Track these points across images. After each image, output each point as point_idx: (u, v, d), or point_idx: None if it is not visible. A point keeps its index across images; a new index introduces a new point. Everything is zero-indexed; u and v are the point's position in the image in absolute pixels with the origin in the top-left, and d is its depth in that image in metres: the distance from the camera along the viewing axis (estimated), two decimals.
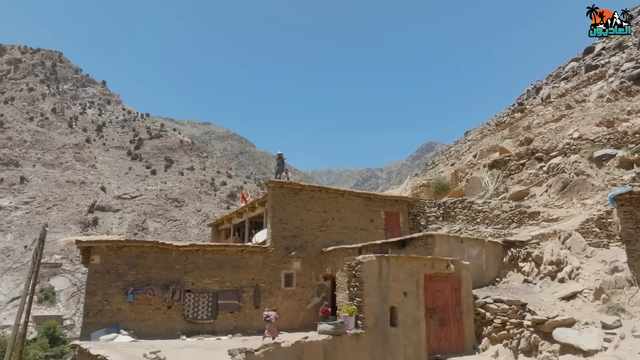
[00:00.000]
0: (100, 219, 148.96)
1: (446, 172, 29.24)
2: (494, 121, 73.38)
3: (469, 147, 32.47)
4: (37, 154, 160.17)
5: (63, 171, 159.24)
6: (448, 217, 20.55)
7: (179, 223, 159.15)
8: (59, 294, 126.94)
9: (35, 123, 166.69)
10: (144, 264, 15.48)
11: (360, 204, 20.05)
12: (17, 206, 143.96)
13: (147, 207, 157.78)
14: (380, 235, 20.13)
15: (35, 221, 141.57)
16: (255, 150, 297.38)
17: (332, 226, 19.10)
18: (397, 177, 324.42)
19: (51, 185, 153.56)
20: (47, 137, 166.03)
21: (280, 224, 18.01)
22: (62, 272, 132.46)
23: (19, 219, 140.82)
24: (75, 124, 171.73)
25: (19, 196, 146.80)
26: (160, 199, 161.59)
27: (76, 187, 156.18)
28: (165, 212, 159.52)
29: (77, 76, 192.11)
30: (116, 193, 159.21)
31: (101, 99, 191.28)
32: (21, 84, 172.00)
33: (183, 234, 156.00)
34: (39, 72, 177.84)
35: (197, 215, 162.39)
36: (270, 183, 18.19)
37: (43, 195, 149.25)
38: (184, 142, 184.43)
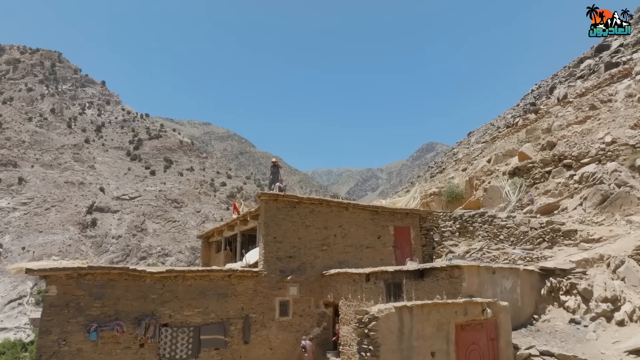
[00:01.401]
0: (99, 220, 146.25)
1: (458, 179, 26.63)
2: (498, 122, 70.93)
3: (481, 150, 29.88)
4: (36, 155, 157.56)
5: (62, 172, 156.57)
6: (466, 233, 17.94)
7: (179, 224, 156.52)
8: None
9: (34, 123, 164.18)
10: (111, 294, 12.87)
11: (366, 218, 17.43)
12: (15, 207, 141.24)
13: (146, 208, 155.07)
14: (388, 254, 17.53)
15: (33, 222, 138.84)
16: (255, 150, 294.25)
17: (334, 244, 16.49)
18: (397, 178, 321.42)
19: (50, 186, 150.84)
20: (46, 138, 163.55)
21: (274, 242, 15.41)
22: None
23: (17, 220, 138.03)
24: (74, 124, 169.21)
25: (17, 197, 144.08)
26: (159, 199, 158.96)
27: (75, 188, 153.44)
28: (164, 213, 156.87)
29: (76, 76, 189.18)
30: (115, 194, 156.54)
31: (100, 99, 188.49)
32: (20, 84, 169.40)
33: (182, 235, 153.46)
34: (38, 72, 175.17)
35: (197, 216, 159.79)
36: (263, 196, 15.58)
37: (41, 196, 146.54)
38: (184, 143, 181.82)
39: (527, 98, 71.76)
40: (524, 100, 72.18)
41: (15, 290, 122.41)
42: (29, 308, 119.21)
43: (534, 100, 57.03)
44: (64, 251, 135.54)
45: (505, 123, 60.15)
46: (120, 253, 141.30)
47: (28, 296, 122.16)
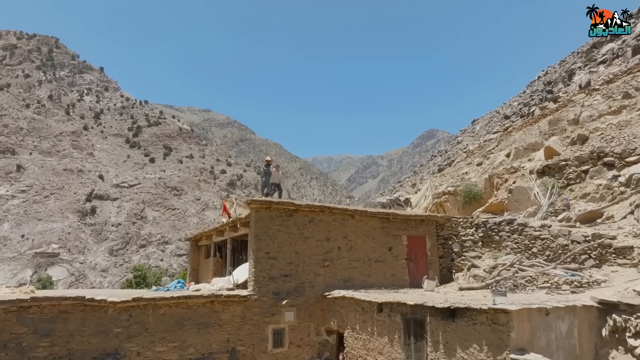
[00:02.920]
0: (99, 208, 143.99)
1: (474, 175, 23.89)
2: (504, 110, 67.84)
3: (497, 142, 27.08)
4: (34, 142, 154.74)
5: (60, 159, 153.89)
6: (490, 243, 15.26)
7: (178, 212, 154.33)
8: (56, 283, 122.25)
9: (32, 110, 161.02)
10: (63, 329, 10.25)
11: (376, 226, 14.74)
12: (14, 195, 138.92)
13: (146, 196, 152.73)
14: (401, 268, 14.88)
15: (32, 210, 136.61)
16: (255, 137, 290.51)
17: (338, 259, 13.83)
18: (397, 165, 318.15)
19: (48, 174, 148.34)
20: (44, 125, 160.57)
21: (266, 259, 12.74)
22: (59, 262, 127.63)
23: (15, 207, 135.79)
24: (73, 111, 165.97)
25: (15, 184, 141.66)
26: (159, 187, 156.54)
27: (74, 176, 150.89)
28: (164, 200, 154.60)
29: (74, 62, 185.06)
30: (114, 181, 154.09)
31: (99, 86, 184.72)
32: (17, 70, 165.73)
33: (182, 223, 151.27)
34: (35, 58, 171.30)
35: (197, 204, 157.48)
36: (254, 203, 12.86)
37: (40, 183, 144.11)
38: (183, 130, 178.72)
39: (535, 85, 68.49)
40: (531, 87, 68.94)
41: (15, 278, 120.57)
42: None
43: (543, 87, 53.95)
44: (64, 239, 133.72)
45: (514, 111, 57.13)
46: (120, 241, 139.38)
47: (28, 284, 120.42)
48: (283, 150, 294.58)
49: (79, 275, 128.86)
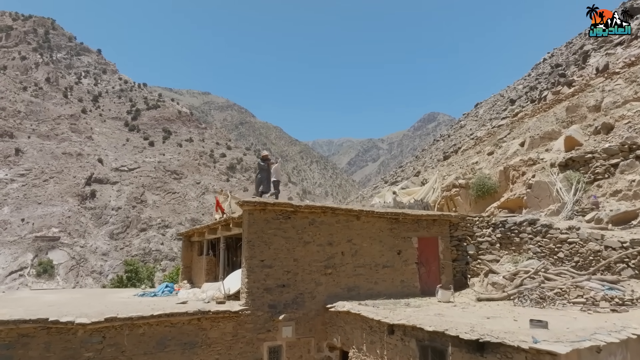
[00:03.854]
0: (98, 192, 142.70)
1: (485, 165, 22.24)
2: (508, 93, 65.72)
3: (509, 130, 25.35)
4: (32, 125, 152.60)
5: (59, 143, 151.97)
6: (509, 245, 13.71)
7: (178, 195, 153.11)
8: (57, 267, 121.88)
9: (29, 93, 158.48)
10: (23, 356, 8.73)
11: (384, 228, 13.15)
12: (13, 178, 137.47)
13: (146, 180, 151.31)
14: (411, 274, 13.34)
15: (32, 194, 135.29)
16: (255, 120, 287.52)
17: (341, 265, 12.28)
18: (398, 148, 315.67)
19: (47, 157, 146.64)
20: (42, 108, 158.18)
21: (261, 268, 11.19)
22: (60, 246, 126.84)
23: (15, 191, 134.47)
24: (71, 94, 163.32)
25: (14, 168, 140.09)
26: (158, 171, 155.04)
27: (73, 159, 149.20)
28: (164, 184, 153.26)
29: (71, 44, 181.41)
30: (114, 165, 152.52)
31: (97, 68, 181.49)
32: (13, 52, 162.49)
33: (182, 207, 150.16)
34: (31, 40, 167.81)
35: (197, 187, 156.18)
36: (247, 204, 11.25)
37: (39, 167, 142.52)
38: (182, 113, 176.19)
39: (541, 67, 66.25)
40: (537, 70, 66.69)
41: (15, 262, 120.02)
42: (30, 279, 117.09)
43: (551, 70, 51.87)
44: (64, 223, 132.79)
45: (519, 95, 55.13)
46: (120, 225, 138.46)
47: (29, 267, 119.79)
48: (283, 133, 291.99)
49: (80, 259, 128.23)
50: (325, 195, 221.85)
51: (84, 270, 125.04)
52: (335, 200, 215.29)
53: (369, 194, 76.38)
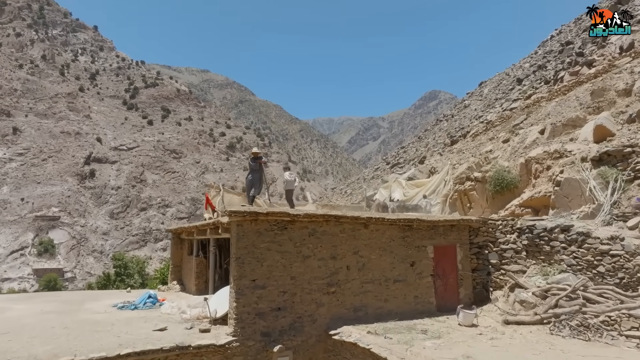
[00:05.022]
0: (97, 171, 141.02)
1: (500, 155, 20.27)
2: (514, 72, 63.06)
3: (525, 115, 23.27)
4: (29, 104, 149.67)
5: (57, 121, 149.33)
6: (538, 254, 11.87)
7: (178, 175, 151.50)
8: (58, 246, 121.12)
9: (25, 71, 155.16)
10: None
11: (395, 237, 11.29)
12: (12, 158, 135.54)
13: (145, 159, 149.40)
14: (426, 288, 11.55)
15: (31, 173, 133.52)
16: (255, 99, 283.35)
17: (346, 282, 10.47)
18: (399, 127, 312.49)
19: (45, 136, 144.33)
20: (39, 86, 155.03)
21: (252, 289, 9.38)
22: (60, 225, 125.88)
23: (14, 170, 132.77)
24: (67, 71, 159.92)
25: (12, 147, 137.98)
26: (157, 150, 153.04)
27: (71, 138, 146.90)
28: (163, 163, 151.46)
29: (66, 20, 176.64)
30: (112, 144, 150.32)
31: (93, 45, 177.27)
32: (8, 28, 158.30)
33: (182, 186, 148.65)
34: (25, 16, 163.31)
35: (196, 167, 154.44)
36: (235, 215, 9.35)
37: (37, 146, 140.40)
38: (181, 91, 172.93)
39: (548, 45, 63.41)
40: (544, 48, 63.86)
41: (16, 241, 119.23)
42: (32, 259, 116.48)
43: (561, 48, 49.27)
44: (64, 202, 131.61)
45: (527, 74, 52.68)
46: (120, 204, 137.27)
47: (29, 247, 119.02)
48: (283, 111, 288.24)
49: (81, 238, 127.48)
50: (326, 174, 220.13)
51: (84, 249, 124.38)
52: (336, 179, 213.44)
53: (370, 175, 74.54)
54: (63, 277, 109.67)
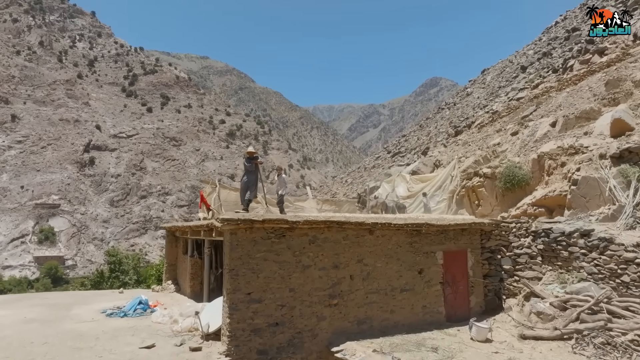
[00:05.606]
0: (97, 159, 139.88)
1: (508, 147, 19.33)
2: (518, 59, 61.64)
3: (535, 106, 22.24)
4: (27, 91, 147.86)
5: (55, 109, 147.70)
6: (555, 260, 11.03)
7: (178, 163, 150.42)
8: (59, 234, 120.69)
9: (23, 57, 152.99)
10: None
11: (402, 242, 10.42)
12: (11, 145, 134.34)
13: (145, 147, 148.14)
14: (435, 297, 10.72)
15: (30, 161, 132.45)
16: (255, 85, 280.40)
17: (350, 293, 9.63)
18: (399, 114, 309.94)
19: (44, 124, 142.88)
20: (37, 73, 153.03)
21: (247, 303, 8.54)
22: (60, 213, 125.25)
23: (13, 158, 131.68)
24: (65, 58, 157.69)
25: (11, 135, 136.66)
26: (157, 137, 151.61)
27: (70, 126, 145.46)
28: (163, 151, 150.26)
29: (63, 6, 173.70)
30: (112, 132, 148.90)
31: (91, 32, 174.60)
32: (4, 14, 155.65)
33: (182, 174, 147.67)
34: (22, 1, 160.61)
35: (196, 154, 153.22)
36: (227, 223, 8.47)
37: (36, 134, 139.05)
38: (180, 78, 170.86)
39: (553, 31, 61.91)
40: (548, 34, 62.35)
41: (17, 229, 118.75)
42: (32, 246, 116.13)
43: (567, 34, 47.92)
44: (63, 190, 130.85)
45: (531, 61, 51.43)
46: (120, 192, 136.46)
47: (30, 235, 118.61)
48: (283, 99, 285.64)
49: (81, 226, 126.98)
50: (326, 162, 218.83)
51: (85, 237, 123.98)
52: (336, 167, 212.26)
53: (371, 165, 73.58)
54: (64, 264, 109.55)
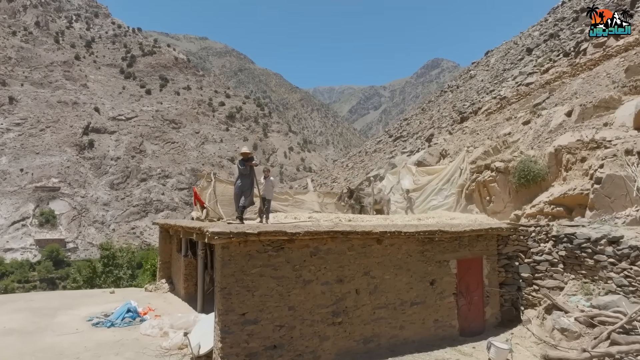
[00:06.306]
0: (96, 142, 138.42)
1: (520, 137, 18.20)
2: (523, 41, 59.75)
3: (548, 93, 21.00)
4: (24, 72, 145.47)
5: (53, 91, 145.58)
6: (578, 268, 10.05)
7: (178, 145, 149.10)
8: (59, 217, 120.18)
9: (19, 38, 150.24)
10: None
11: (413, 251, 9.42)
12: (9, 128, 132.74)
13: (144, 129, 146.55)
14: (448, 310, 9.76)
15: (29, 143, 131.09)
16: (255, 67, 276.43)
17: (355, 309, 8.67)
18: (400, 96, 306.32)
19: (42, 106, 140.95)
20: (33, 54, 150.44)
21: (242, 325, 7.58)
22: (61, 196, 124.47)
23: (12, 141, 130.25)
24: (62, 39, 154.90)
25: (9, 117, 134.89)
26: (156, 120, 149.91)
27: (68, 108, 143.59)
28: (162, 134, 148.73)
29: None
30: (111, 114, 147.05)
31: (88, 12, 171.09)
32: None
33: (182, 157, 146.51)
34: None
35: (196, 137, 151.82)
36: (218, 237, 7.44)
37: (35, 116, 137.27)
38: (179, 60, 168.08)
39: (559, 11, 59.88)
40: (554, 15, 60.37)
41: (17, 212, 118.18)
42: (33, 229, 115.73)
43: (575, 15, 46.12)
44: (63, 173, 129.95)
45: (537, 43, 49.73)
46: (120, 175, 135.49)
47: (31, 217, 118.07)
48: (283, 80, 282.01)
49: (81, 209, 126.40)
50: (327, 144, 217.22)
51: (85, 220, 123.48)
52: (336, 149, 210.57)
53: (372, 149, 72.35)
54: (65, 247, 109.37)
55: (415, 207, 17.00)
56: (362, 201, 15.32)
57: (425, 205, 16.89)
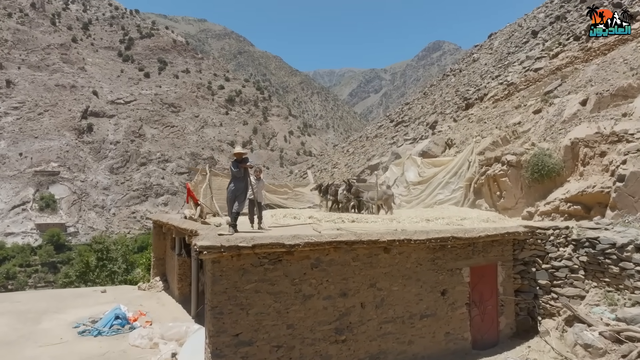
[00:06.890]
0: (95, 125, 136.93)
1: (530, 127, 17.25)
2: (527, 23, 58.07)
3: (560, 80, 19.94)
4: (21, 55, 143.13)
5: (51, 74, 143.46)
6: (601, 275, 9.24)
7: (177, 129, 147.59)
8: (59, 201, 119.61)
9: (15, 20, 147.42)
10: None
11: (422, 260, 8.58)
12: (7, 112, 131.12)
13: (143, 113, 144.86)
14: (460, 321, 8.98)
15: (27, 127, 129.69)
16: (254, 50, 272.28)
17: (360, 324, 7.88)
18: (401, 79, 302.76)
19: (40, 90, 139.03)
20: (30, 37, 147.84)
21: (235, 347, 6.79)
22: (60, 180, 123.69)
23: (10, 125, 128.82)
24: (59, 21, 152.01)
25: (7, 101, 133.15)
26: (155, 104, 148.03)
27: (67, 92, 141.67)
28: (161, 117, 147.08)
29: None
30: (109, 98, 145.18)
31: None
32: None
33: (182, 141, 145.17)
34: None
35: (195, 121, 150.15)
36: (207, 251, 6.59)
37: (33, 100, 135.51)
38: (178, 42, 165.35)
39: None
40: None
41: (17, 196, 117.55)
42: (34, 213, 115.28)
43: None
44: (62, 157, 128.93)
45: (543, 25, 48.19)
46: (119, 159, 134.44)
47: (31, 202, 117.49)
48: (283, 63, 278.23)
49: (81, 193, 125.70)
50: (327, 128, 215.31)
51: (86, 204, 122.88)
52: (337, 133, 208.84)
53: (373, 134, 71.23)
54: (66, 231, 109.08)
55: (421, 201, 16.14)
56: (360, 196, 14.31)
57: (432, 199, 16.03)
